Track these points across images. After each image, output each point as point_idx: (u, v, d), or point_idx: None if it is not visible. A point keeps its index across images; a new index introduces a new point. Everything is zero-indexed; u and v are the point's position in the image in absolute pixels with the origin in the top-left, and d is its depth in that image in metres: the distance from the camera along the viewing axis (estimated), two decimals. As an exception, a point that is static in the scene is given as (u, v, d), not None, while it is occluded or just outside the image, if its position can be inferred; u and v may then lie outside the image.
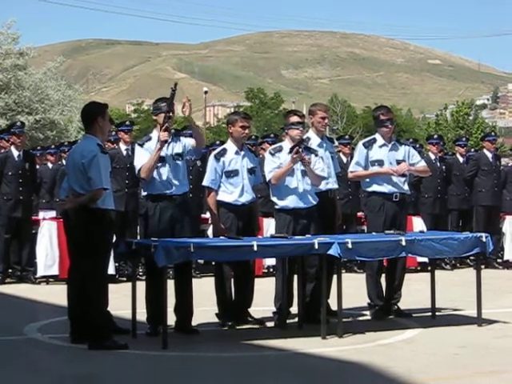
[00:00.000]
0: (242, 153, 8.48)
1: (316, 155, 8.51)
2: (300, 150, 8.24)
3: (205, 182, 8.48)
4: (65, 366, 6.75)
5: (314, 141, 8.78)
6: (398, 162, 8.82)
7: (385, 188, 8.79)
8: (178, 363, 6.84)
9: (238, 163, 8.43)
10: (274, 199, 8.46)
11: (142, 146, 8.05)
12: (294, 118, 8.49)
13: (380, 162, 8.82)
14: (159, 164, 7.93)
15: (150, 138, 8.09)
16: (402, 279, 8.95)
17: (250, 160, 8.52)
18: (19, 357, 7.04)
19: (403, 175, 8.84)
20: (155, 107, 8.16)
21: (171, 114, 7.96)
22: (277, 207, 8.46)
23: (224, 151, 8.45)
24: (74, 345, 7.26)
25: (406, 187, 8.90)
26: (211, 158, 8.53)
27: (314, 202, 8.44)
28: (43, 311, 9.60)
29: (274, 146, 8.76)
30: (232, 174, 8.39)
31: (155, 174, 7.93)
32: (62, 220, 8.15)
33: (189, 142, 8.12)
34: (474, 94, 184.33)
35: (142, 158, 7.97)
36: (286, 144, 8.50)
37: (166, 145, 7.94)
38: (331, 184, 8.87)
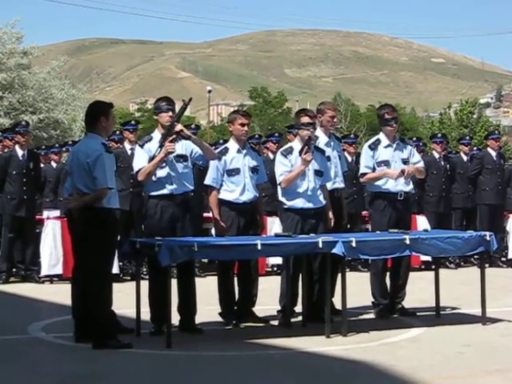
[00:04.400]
0: (244, 151, 8.46)
1: (323, 154, 8.52)
2: (309, 150, 8.22)
3: (206, 181, 8.47)
4: (69, 365, 6.75)
5: (322, 139, 8.76)
6: (404, 161, 8.82)
7: (389, 187, 8.78)
8: (182, 362, 6.84)
9: (240, 162, 8.41)
10: (283, 199, 8.43)
11: (141, 146, 8.02)
12: (305, 119, 8.43)
13: (386, 163, 8.80)
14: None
15: (150, 139, 8.03)
16: (407, 278, 8.93)
17: (253, 158, 8.50)
18: (23, 356, 7.04)
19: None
20: (156, 107, 8.13)
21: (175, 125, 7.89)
22: (285, 207, 8.42)
23: (226, 150, 8.44)
24: (78, 344, 7.26)
25: (410, 187, 8.89)
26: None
27: (324, 202, 8.42)
28: (47, 310, 9.60)
29: (285, 147, 8.66)
30: (233, 172, 8.37)
31: (156, 173, 7.89)
32: (66, 219, 8.15)
33: (198, 150, 8.02)
34: (477, 93, 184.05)
35: (140, 159, 7.94)
36: (296, 144, 8.46)
37: None
38: (338, 183, 8.86)
